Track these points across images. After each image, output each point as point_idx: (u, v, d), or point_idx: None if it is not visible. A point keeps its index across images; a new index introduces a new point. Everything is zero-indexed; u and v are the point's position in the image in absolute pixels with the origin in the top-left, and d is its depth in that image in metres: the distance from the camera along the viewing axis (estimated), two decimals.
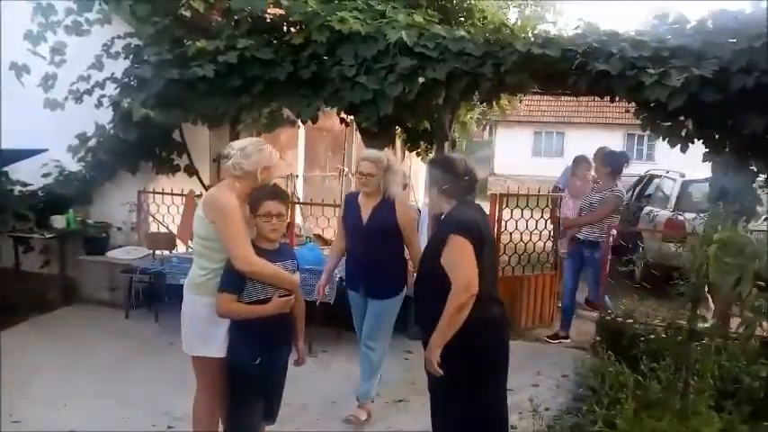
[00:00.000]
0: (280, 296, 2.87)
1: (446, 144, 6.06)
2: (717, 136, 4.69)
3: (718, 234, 1.34)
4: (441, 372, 2.75)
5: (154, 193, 6.76)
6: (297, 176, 9.27)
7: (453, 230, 2.76)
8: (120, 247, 6.64)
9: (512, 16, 10.26)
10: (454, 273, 2.71)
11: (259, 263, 2.79)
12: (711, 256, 1.33)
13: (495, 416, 2.94)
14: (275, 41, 5.76)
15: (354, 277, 4.01)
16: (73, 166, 6.64)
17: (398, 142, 7.91)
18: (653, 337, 4.37)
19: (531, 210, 6.24)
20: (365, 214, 3.89)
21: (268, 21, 5.91)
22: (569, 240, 5.96)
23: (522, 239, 6.17)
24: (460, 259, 2.72)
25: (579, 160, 6.58)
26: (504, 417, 3.02)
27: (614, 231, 6.53)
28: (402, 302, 4.02)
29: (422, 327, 3.01)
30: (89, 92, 6.17)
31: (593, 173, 6.33)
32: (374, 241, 3.86)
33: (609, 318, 5.16)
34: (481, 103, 7.55)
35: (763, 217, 4.68)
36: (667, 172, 9.06)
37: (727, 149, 4.69)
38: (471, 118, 9.40)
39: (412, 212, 4.21)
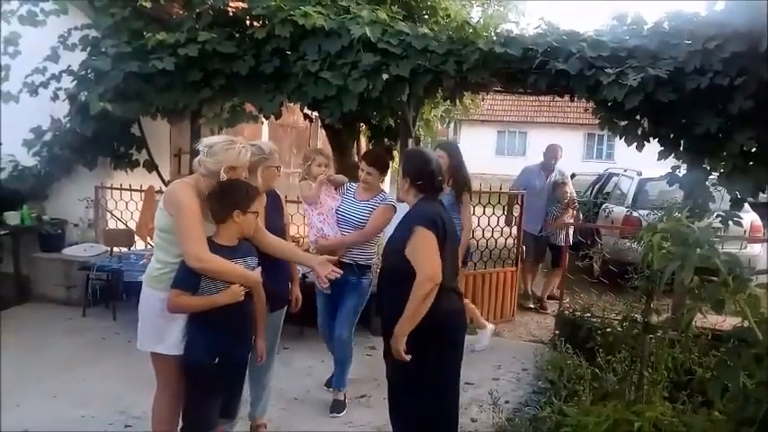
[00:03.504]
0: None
1: (410, 141, 6.08)
2: (671, 135, 4.81)
3: (662, 224, 1.39)
4: (407, 358, 2.79)
5: (112, 188, 6.63)
6: None
7: (419, 222, 2.83)
8: (76, 243, 6.49)
9: (475, 15, 10.35)
10: (419, 263, 2.77)
11: (212, 260, 2.73)
12: (655, 245, 1.38)
13: (449, 405, 3.01)
14: (237, 35, 5.70)
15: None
16: (28, 160, 6.45)
17: (363, 139, 7.92)
18: (609, 330, 4.47)
19: (494, 207, 6.32)
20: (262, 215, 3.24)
21: (230, 14, 5.85)
22: None
23: (483, 236, 6.25)
24: (425, 250, 2.79)
25: (313, 154, 4.38)
26: (456, 406, 3.09)
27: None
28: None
29: (382, 317, 3.08)
30: (45, 84, 6.02)
31: (332, 173, 4.43)
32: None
33: (567, 312, 5.26)
34: (445, 101, 7.61)
35: (716, 213, 4.82)
36: (625, 170, 9.28)
37: (681, 148, 4.82)
38: (435, 116, 9.46)
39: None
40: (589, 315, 5.05)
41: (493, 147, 26.14)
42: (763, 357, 1.11)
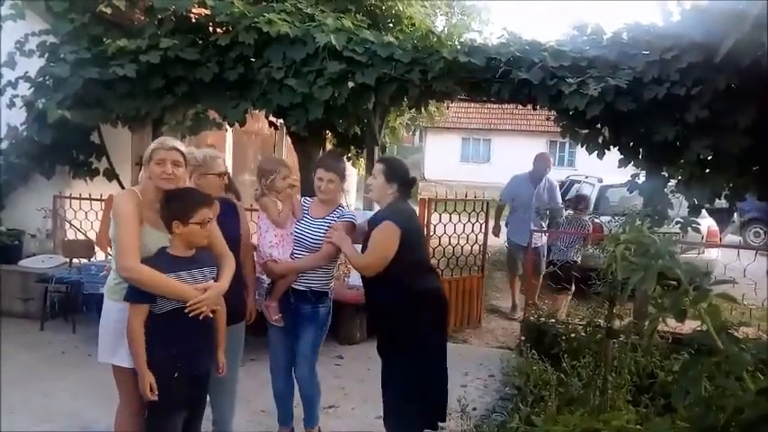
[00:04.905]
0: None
1: (376, 149, 6.10)
2: (631, 143, 4.93)
3: (625, 235, 1.44)
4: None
5: (71, 198, 6.48)
6: None
7: (389, 217, 3.22)
8: (34, 255, 6.31)
9: (439, 24, 10.46)
10: (371, 249, 3.23)
11: (141, 271, 2.64)
12: (618, 256, 1.43)
13: (438, 380, 3.35)
14: (201, 42, 5.65)
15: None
16: None
17: (329, 146, 7.91)
18: (573, 336, 4.54)
19: (459, 214, 6.37)
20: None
21: (193, 21, 5.79)
22: (279, 295, 3.62)
23: (450, 243, 6.29)
24: (381, 242, 3.20)
25: (276, 165, 3.74)
26: (445, 381, 3.40)
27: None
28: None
29: (370, 316, 3.56)
30: (0, 91, 5.85)
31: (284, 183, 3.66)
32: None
33: (533, 318, 5.32)
34: (410, 109, 7.65)
35: (675, 220, 4.94)
36: (586, 177, 9.47)
37: (640, 156, 4.93)
38: (401, 123, 9.51)
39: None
40: (554, 321, 5.12)
41: (458, 154, 26.39)
42: (721, 365, 1.14)
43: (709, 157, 4.65)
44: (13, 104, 5.86)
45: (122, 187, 6.40)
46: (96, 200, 6.30)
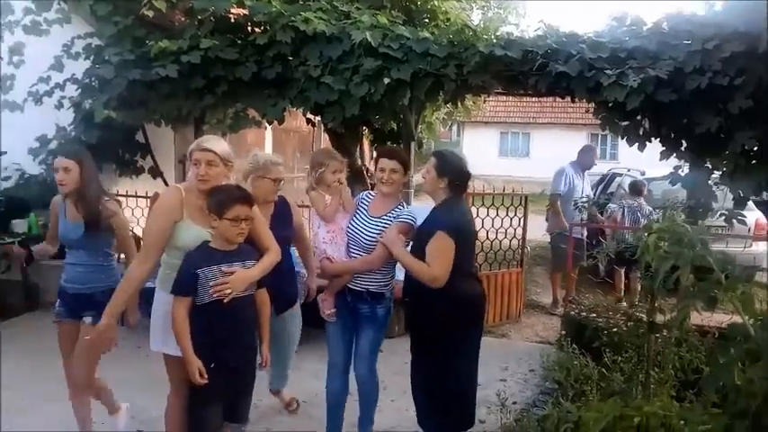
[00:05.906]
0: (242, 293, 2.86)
1: (413, 144, 6.10)
2: (673, 135, 4.82)
3: (657, 224, 1.43)
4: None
5: (117, 195, 6.66)
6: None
7: (441, 227, 3.12)
8: None
9: (475, 18, 10.39)
10: (432, 263, 3.13)
11: (126, 275, 2.96)
12: (651, 245, 1.42)
13: (465, 385, 3.36)
14: (239, 41, 5.75)
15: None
16: (33, 168, 6.52)
17: (366, 142, 7.96)
18: (615, 330, 4.48)
19: (497, 208, 6.33)
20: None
21: (232, 21, 5.90)
22: (334, 292, 3.54)
23: (488, 237, 6.26)
24: (440, 254, 3.11)
25: (326, 158, 3.60)
26: (474, 385, 3.43)
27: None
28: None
29: (407, 310, 3.51)
30: (49, 93, 6.09)
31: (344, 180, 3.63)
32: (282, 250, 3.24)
33: (573, 312, 5.27)
34: (446, 104, 7.64)
35: (719, 212, 4.82)
36: (628, 170, 9.29)
37: (682, 148, 4.83)
38: (437, 118, 9.49)
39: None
40: (595, 315, 5.05)
41: (496, 148, 26.13)
42: (755, 353, 1.14)
43: (755, 148, 4.52)
44: (61, 105, 6.08)
45: (166, 184, 6.58)
46: (142, 197, 6.47)
